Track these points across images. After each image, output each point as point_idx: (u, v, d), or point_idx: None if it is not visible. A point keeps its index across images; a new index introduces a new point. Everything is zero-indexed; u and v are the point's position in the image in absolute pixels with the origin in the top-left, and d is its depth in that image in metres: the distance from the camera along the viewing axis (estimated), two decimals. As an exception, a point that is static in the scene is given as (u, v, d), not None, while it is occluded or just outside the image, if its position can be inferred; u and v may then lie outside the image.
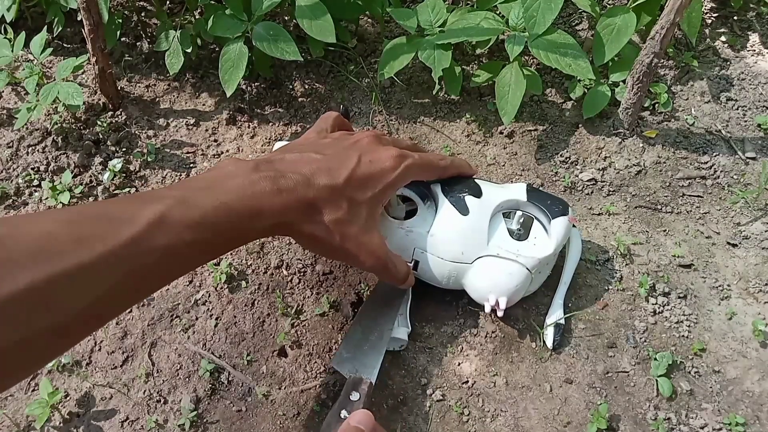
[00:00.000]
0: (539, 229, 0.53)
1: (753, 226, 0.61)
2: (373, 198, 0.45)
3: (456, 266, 0.51)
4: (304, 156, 0.44)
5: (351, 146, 0.47)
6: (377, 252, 0.46)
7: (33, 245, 0.30)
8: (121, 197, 0.37)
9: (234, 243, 0.40)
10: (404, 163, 0.47)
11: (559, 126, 0.70)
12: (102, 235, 0.32)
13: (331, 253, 0.48)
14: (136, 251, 0.33)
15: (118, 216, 0.34)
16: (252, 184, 0.39)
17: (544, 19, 0.61)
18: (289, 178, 0.41)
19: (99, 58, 0.69)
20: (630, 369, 0.53)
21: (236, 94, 0.75)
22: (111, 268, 0.32)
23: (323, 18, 0.65)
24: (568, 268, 0.56)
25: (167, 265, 0.36)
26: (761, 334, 0.54)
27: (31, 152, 0.71)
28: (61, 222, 0.32)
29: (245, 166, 0.41)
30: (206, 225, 0.36)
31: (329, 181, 0.42)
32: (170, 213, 0.35)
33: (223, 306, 0.58)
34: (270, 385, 0.53)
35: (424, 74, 0.76)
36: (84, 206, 0.35)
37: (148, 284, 0.36)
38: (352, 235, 0.44)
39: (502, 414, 0.51)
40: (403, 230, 0.52)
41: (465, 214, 0.51)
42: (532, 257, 0.51)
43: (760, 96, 0.70)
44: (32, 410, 0.51)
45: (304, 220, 0.42)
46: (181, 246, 0.35)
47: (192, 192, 0.37)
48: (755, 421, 0.50)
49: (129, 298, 0.35)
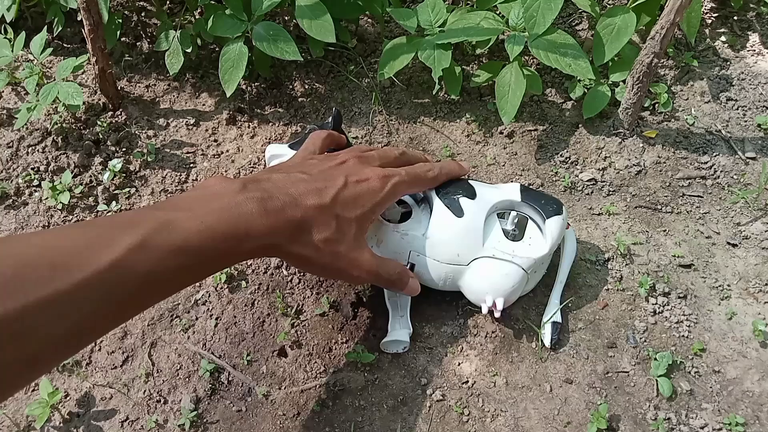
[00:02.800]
0: (534, 229, 0.53)
1: (753, 226, 0.61)
2: (361, 216, 0.45)
3: (452, 268, 0.52)
4: (291, 176, 0.44)
5: (337, 167, 0.47)
6: (367, 266, 0.46)
7: (7, 272, 0.28)
8: (102, 219, 0.36)
9: (218, 266, 0.39)
10: (390, 182, 0.48)
11: (559, 126, 0.70)
12: (80, 260, 0.31)
13: (322, 272, 0.48)
14: (116, 277, 0.32)
15: (97, 240, 0.32)
16: (238, 206, 0.38)
17: (544, 19, 0.61)
18: (277, 198, 0.40)
19: (99, 58, 0.69)
20: (630, 369, 0.53)
21: (236, 94, 0.75)
22: (89, 295, 0.31)
23: (323, 18, 0.65)
24: (564, 267, 0.56)
25: (148, 291, 0.35)
26: (761, 334, 0.54)
27: (31, 152, 0.71)
28: (37, 247, 0.31)
29: (231, 186, 0.40)
30: (189, 249, 0.35)
31: (317, 201, 0.42)
32: (151, 238, 0.34)
33: (223, 306, 0.58)
34: (270, 385, 0.53)
35: (424, 74, 0.76)
36: (61, 229, 0.34)
37: (128, 310, 0.35)
38: (341, 253, 0.44)
39: (502, 414, 0.51)
40: (398, 233, 0.52)
41: (460, 215, 0.51)
42: (527, 257, 0.51)
43: (760, 96, 0.70)
44: (32, 410, 0.51)
45: (293, 241, 0.41)
46: (162, 271, 0.34)
47: (174, 214, 0.36)
48: (755, 421, 0.50)
49: (107, 325, 0.34)
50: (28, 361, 0.29)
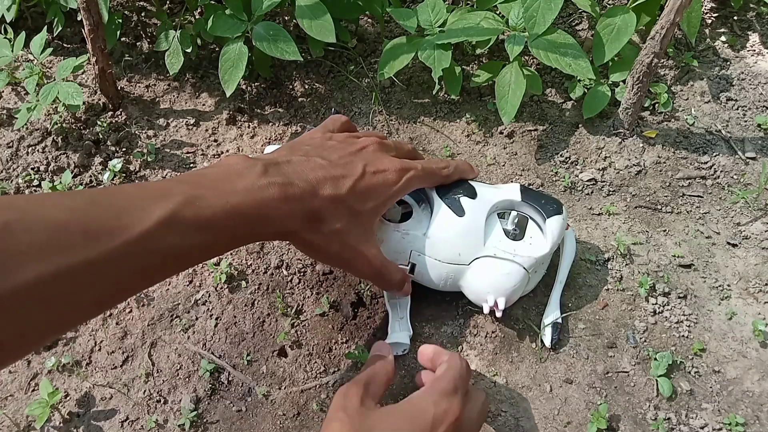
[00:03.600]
0: (534, 229, 0.53)
1: (753, 226, 0.61)
2: (373, 209, 0.46)
3: (453, 268, 0.51)
4: (311, 161, 0.44)
5: (356, 153, 0.47)
6: (373, 261, 0.46)
7: (42, 236, 0.28)
8: (130, 187, 0.36)
9: (235, 245, 0.40)
10: (406, 175, 0.48)
11: (559, 126, 0.70)
12: (111, 228, 0.31)
13: (328, 260, 0.49)
14: (144, 249, 0.32)
15: (127, 211, 0.32)
16: (261, 189, 0.39)
17: (544, 19, 0.61)
18: (296, 186, 0.41)
19: (99, 58, 0.69)
20: (630, 369, 0.53)
21: (236, 94, 0.75)
22: (117, 265, 0.31)
23: (323, 18, 0.65)
24: (563, 267, 0.56)
25: (171, 264, 0.35)
26: (761, 334, 0.54)
27: (31, 152, 0.71)
28: (71, 210, 0.30)
29: (253, 167, 0.40)
30: (215, 227, 0.36)
31: (333, 191, 0.43)
32: (181, 211, 0.34)
33: (223, 306, 0.58)
34: (270, 385, 0.53)
35: (424, 74, 0.76)
36: (94, 192, 0.34)
37: (147, 281, 0.35)
38: (350, 245, 0.44)
39: (502, 414, 0.51)
40: (399, 233, 0.52)
41: (461, 215, 0.51)
42: (529, 256, 0.51)
43: (760, 96, 0.70)
44: (32, 410, 0.51)
45: (306, 229, 0.42)
46: (187, 246, 0.35)
47: (201, 190, 0.36)
48: (755, 421, 0.50)
49: (127, 294, 0.35)
50: (53, 325, 0.30)
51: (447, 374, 0.42)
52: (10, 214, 0.28)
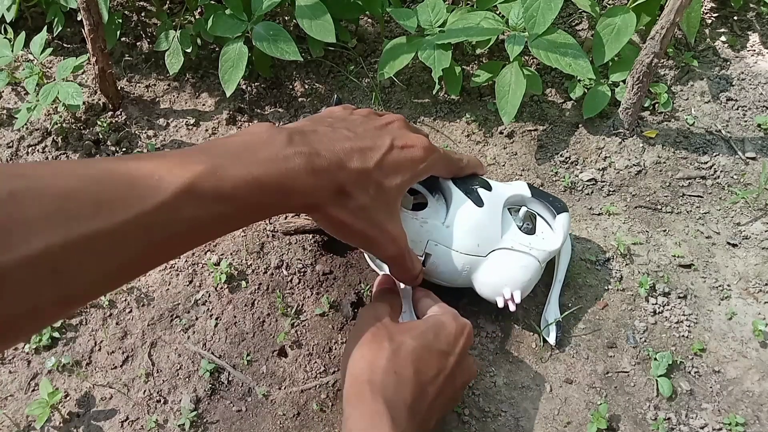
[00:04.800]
0: (543, 224, 0.54)
1: (753, 226, 0.61)
2: (399, 185, 0.43)
3: (470, 259, 0.50)
4: (337, 131, 0.42)
5: (382, 128, 0.45)
6: (399, 240, 0.44)
7: (51, 205, 0.27)
8: (147, 156, 0.34)
9: (258, 218, 0.38)
10: (432, 155, 0.46)
11: (559, 126, 0.70)
12: (125, 199, 0.29)
13: (352, 237, 0.46)
14: (160, 221, 0.30)
15: (144, 181, 0.30)
16: (286, 160, 0.37)
17: (544, 19, 0.61)
18: (323, 157, 0.38)
19: (99, 58, 0.69)
20: (630, 369, 0.53)
21: (236, 94, 0.75)
22: (131, 236, 0.29)
23: (323, 18, 0.65)
24: (562, 266, 0.56)
25: (190, 236, 0.33)
26: (761, 334, 0.54)
27: (31, 152, 0.71)
28: (81, 178, 0.29)
29: (278, 136, 0.38)
30: (236, 199, 0.34)
31: (361, 164, 0.40)
32: (200, 182, 0.32)
33: (223, 306, 0.58)
34: (270, 385, 0.53)
35: (424, 74, 0.76)
36: (106, 161, 0.32)
37: (167, 253, 0.33)
38: (376, 222, 0.42)
39: (502, 414, 0.51)
40: (418, 221, 0.50)
41: (480, 206, 0.50)
42: (543, 250, 0.51)
43: (760, 96, 0.70)
44: (32, 410, 0.51)
45: (332, 203, 0.40)
46: (206, 217, 0.33)
47: (222, 159, 0.34)
48: (755, 421, 0.50)
49: (144, 267, 0.33)
50: (63, 301, 0.28)
51: (446, 307, 0.49)
52: (16, 182, 0.27)
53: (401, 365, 0.41)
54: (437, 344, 0.44)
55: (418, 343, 0.43)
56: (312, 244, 0.61)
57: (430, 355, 0.43)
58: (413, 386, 0.41)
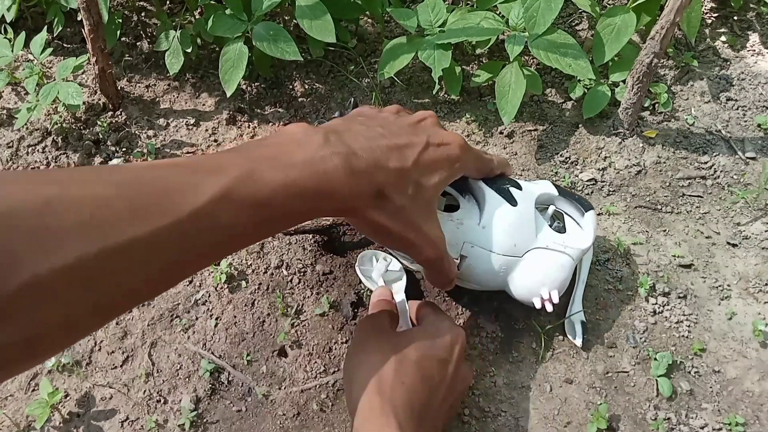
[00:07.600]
0: (571, 223, 0.53)
1: (753, 226, 0.61)
2: (436, 185, 0.42)
3: (507, 260, 0.49)
4: (372, 130, 0.40)
5: (416, 124, 0.43)
6: (438, 243, 0.43)
7: (84, 212, 0.26)
8: (182, 160, 0.33)
9: (295, 222, 0.37)
10: (468, 154, 0.45)
11: (559, 126, 0.70)
12: (160, 206, 0.28)
13: (389, 241, 0.44)
14: (196, 228, 0.30)
15: (179, 187, 0.30)
16: (322, 161, 0.35)
17: (544, 19, 0.61)
18: (361, 158, 0.37)
19: (99, 58, 0.69)
20: (630, 369, 0.53)
21: (236, 94, 0.75)
22: (167, 244, 0.29)
23: (323, 18, 0.65)
24: (585, 266, 0.56)
25: (227, 243, 0.33)
26: (761, 334, 0.54)
27: (31, 152, 0.71)
28: (115, 185, 0.28)
29: (314, 136, 0.37)
30: (273, 204, 0.33)
31: (399, 164, 0.39)
32: (236, 188, 0.31)
33: (223, 306, 0.58)
34: (270, 385, 0.53)
35: (424, 74, 0.76)
36: (140, 167, 0.31)
37: (203, 260, 0.33)
38: (415, 224, 0.40)
39: (502, 414, 0.51)
40: (453, 223, 0.48)
41: (514, 205, 0.49)
42: (577, 248, 0.50)
43: (760, 96, 0.70)
44: (32, 410, 0.51)
45: (372, 206, 0.38)
46: (243, 223, 0.32)
47: (257, 163, 0.33)
48: (755, 421, 0.50)
49: (177, 277, 0.32)
50: (97, 311, 0.28)
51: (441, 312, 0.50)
52: (51, 189, 0.26)
53: (408, 374, 0.41)
54: (437, 352, 0.44)
55: (421, 353, 0.43)
56: (312, 244, 0.61)
57: (432, 363, 0.43)
58: (420, 394, 0.41)
